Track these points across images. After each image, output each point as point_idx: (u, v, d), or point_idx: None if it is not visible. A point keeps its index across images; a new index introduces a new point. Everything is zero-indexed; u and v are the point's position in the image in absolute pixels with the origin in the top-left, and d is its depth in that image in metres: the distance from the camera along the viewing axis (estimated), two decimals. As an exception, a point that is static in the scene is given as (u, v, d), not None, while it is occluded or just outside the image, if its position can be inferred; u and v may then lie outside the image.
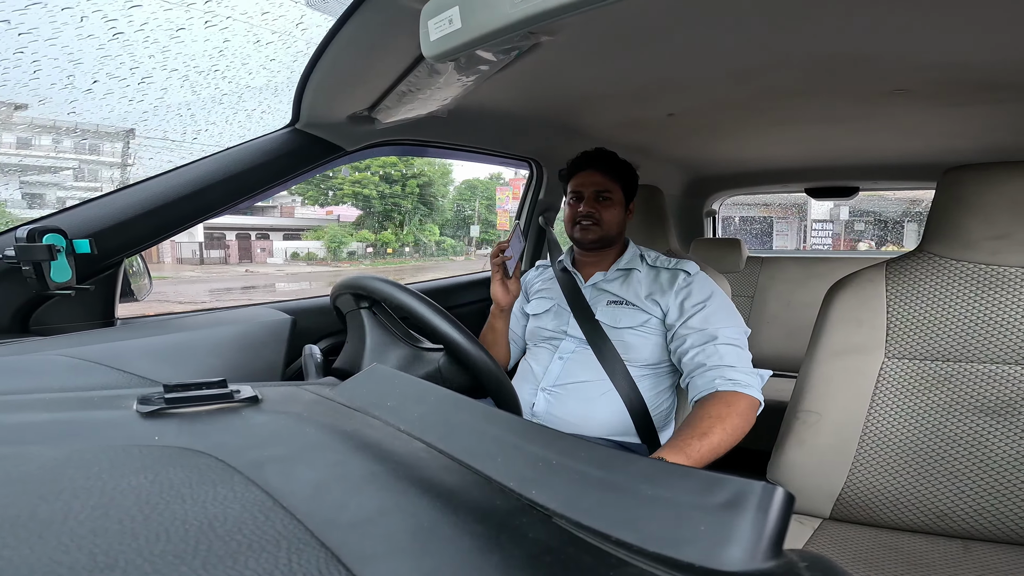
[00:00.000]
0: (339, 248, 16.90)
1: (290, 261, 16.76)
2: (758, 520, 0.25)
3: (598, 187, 1.16)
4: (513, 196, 15.71)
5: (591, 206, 1.16)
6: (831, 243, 13.64)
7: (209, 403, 0.42)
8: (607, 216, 1.16)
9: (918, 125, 1.38)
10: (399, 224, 17.74)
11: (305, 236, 17.77)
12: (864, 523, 0.86)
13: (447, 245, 18.79)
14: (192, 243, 15.18)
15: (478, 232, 19.53)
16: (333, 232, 17.16)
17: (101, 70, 2.05)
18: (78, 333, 0.78)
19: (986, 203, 0.81)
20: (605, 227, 1.16)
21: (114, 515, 0.24)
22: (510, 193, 15.73)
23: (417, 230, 17.98)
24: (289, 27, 1.59)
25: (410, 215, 17.72)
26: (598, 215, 1.15)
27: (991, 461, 0.79)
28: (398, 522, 0.27)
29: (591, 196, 1.16)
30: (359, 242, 17.42)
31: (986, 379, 0.80)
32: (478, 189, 19.96)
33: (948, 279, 0.84)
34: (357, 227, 17.54)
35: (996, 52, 0.87)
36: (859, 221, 13.96)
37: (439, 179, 18.44)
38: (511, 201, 15.69)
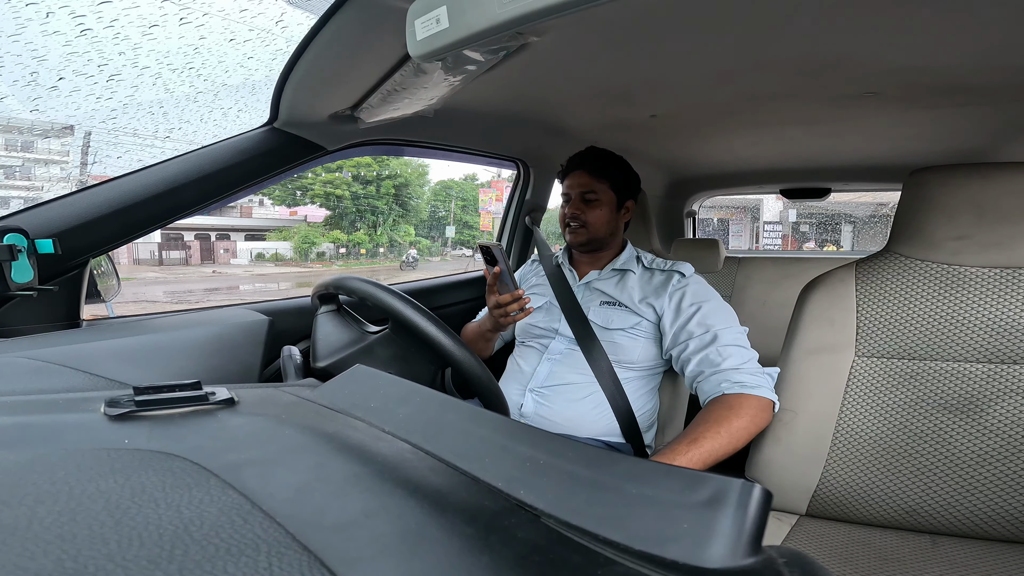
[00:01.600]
0: (309, 249, 16.60)
1: (255, 262, 16.34)
2: (738, 517, 0.26)
3: (583, 188, 1.15)
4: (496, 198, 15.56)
5: (577, 207, 1.15)
6: (780, 243, 14.48)
7: (182, 405, 0.40)
8: (592, 218, 1.14)
9: (886, 128, 1.44)
10: (373, 225, 17.52)
11: (269, 236, 17.35)
12: (839, 519, 0.88)
13: (423, 246, 18.61)
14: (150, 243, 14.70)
15: (453, 233, 19.40)
16: (304, 233, 16.85)
17: (67, 67, 1.98)
18: (41, 335, 0.74)
19: (948, 204, 0.84)
20: (592, 229, 1.15)
21: (82, 520, 0.23)
22: (494, 195, 15.62)
23: (392, 231, 17.80)
24: (268, 25, 1.57)
25: (384, 216, 17.53)
26: (584, 217, 1.14)
27: (955, 458, 0.81)
28: (384, 524, 0.26)
29: (577, 197, 1.15)
30: (330, 243, 17.14)
31: (950, 377, 0.83)
32: (453, 190, 19.90)
33: (913, 279, 0.86)
34: (327, 228, 17.25)
35: (958, 56, 0.90)
36: (804, 223, 14.80)
37: (415, 180, 18.28)
38: (495, 203, 15.57)
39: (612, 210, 1.16)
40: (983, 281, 0.82)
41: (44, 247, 0.77)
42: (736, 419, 0.87)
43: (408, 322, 0.63)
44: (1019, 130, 1.38)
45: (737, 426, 0.87)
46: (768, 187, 2.39)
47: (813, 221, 14.79)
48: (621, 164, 1.19)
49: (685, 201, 2.55)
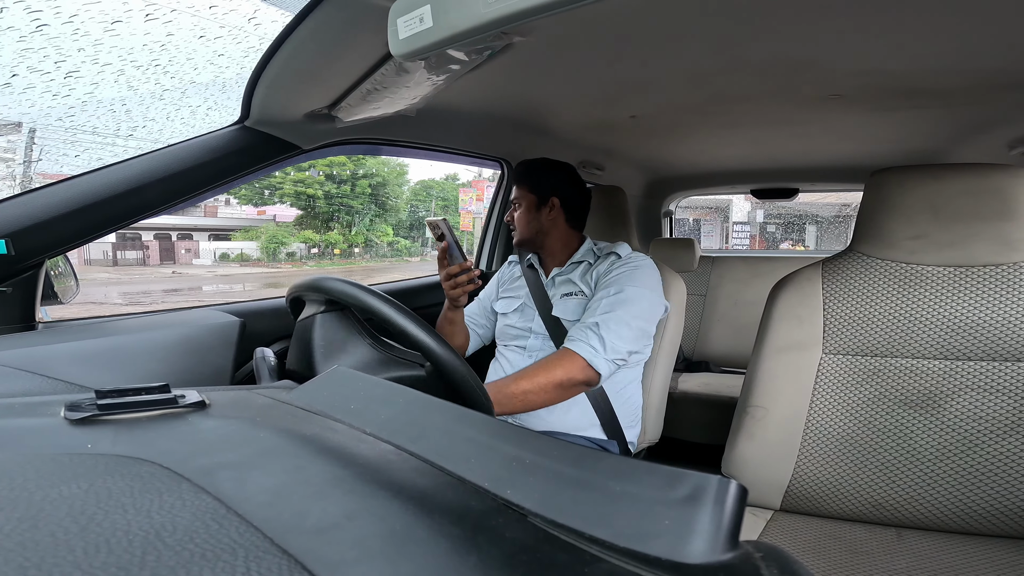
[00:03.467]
0: (278, 249, 16.14)
1: (219, 262, 15.73)
2: (716, 513, 0.26)
3: (512, 196, 1.24)
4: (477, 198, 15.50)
5: (509, 215, 1.24)
6: (748, 243, 15.05)
7: (149, 409, 0.38)
8: (518, 221, 1.22)
9: (851, 129, 1.50)
10: (347, 225, 17.18)
11: (235, 236, 16.77)
12: (811, 514, 0.91)
13: (401, 246, 18.33)
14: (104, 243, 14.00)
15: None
16: (271, 232, 16.34)
17: (21, 63, 1.89)
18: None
19: (906, 204, 0.87)
20: (520, 231, 1.22)
21: (44, 527, 0.21)
22: (474, 195, 15.55)
23: (368, 231, 17.48)
24: (240, 22, 1.52)
25: (360, 215, 17.21)
26: (512, 222, 1.23)
27: (917, 453, 0.84)
28: (368, 526, 0.26)
29: (512, 206, 1.23)
30: (301, 243, 16.71)
31: (910, 373, 0.86)
32: (433, 190, 19.70)
33: (875, 277, 0.90)
34: (298, 227, 16.81)
35: (915, 60, 0.95)
36: (771, 223, 15.53)
37: (394, 179, 17.98)
38: (475, 203, 15.52)
39: (531, 210, 1.21)
40: (939, 279, 0.86)
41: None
42: (556, 367, 0.98)
43: (390, 322, 0.62)
44: (971, 132, 1.45)
45: (553, 374, 0.98)
46: (740, 187, 2.46)
47: (780, 221, 15.47)
48: (541, 166, 1.24)
49: (663, 201, 2.60)
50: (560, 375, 0.97)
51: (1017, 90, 1.09)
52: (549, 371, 0.98)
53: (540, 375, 0.97)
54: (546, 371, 0.98)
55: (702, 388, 1.90)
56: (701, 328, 2.24)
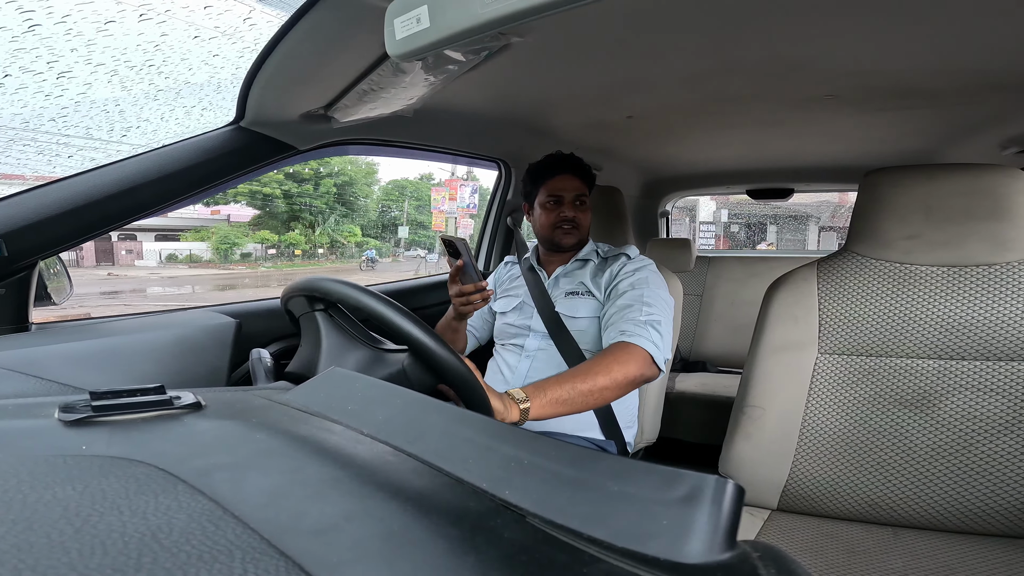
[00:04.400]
0: (230, 250, 15.69)
1: (166, 264, 15.18)
2: (713, 513, 0.26)
3: (577, 192, 1.19)
4: (450, 197, 15.23)
5: (574, 210, 1.18)
6: (714, 243, 15.41)
7: (144, 410, 0.38)
8: (585, 220, 1.20)
9: (845, 129, 1.51)
10: (310, 225, 16.72)
11: (185, 237, 16.14)
12: (808, 513, 0.91)
13: (371, 246, 17.89)
14: None
15: (407, 233, 18.84)
16: (223, 232, 15.80)
17: (13, 63, 1.87)
18: None
19: (900, 204, 0.88)
20: (583, 231, 1.20)
21: (39, 529, 0.21)
22: (447, 194, 15.44)
23: (334, 231, 17.06)
24: (236, 22, 1.51)
25: (324, 215, 16.76)
26: (578, 220, 1.19)
27: (911, 452, 0.85)
28: (366, 527, 0.25)
29: (571, 200, 1.18)
30: (257, 243, 16.16)
31: (904, 373, 0.86)
32: (407, 189, 19.32)
33: (870, 277, 0.90)
34: (254, 227, 16.36)
35: (908, 61, 0.95)
36: (735, 223, 16.00)
37: (362, 179, 17.46)
38: (447, 202, 15.36)
39: (591, 212, 1.23)
40: (933, 279, 0.86)
41: (-11, 247, 0.72)
42: (614, 363, 0.91)
43: (387, 322, 0.62)
44: (964, 132, 1.46)
45: (614, 370, 0.91)
46: (736, 187, 2.46)
47: (742, 221, 15.95)
48: (591, 169, 1.25)
49: (659, 201, 2.61)
50: (633, 370, 0.92)
51: (1009, 90, 1.10)
52: (623, 366, 0.92)
53: (616, 370, 0.91)
54: (620, 366, 0.91)
55: (699, 388, 1.90)
56: (698, 328, 2.25)
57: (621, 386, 0.92)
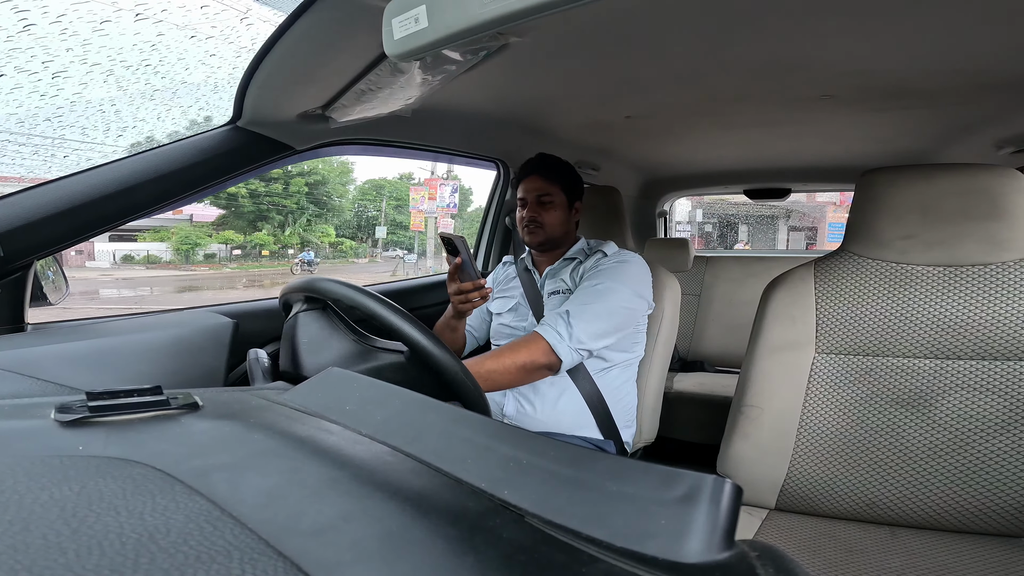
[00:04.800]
0: (192, 250, 15.19)
1: (120, 265, 14.71)
2: (711, 513, 0.26)
3: (539, 191, 1.19)
4: (429, 196, 14.98)
5: (534, 211, 1.19)
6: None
7: (141, 411, 0.38)
8: (548, 219, 1.19)
9: (841, 129, 1.51)
10: (279, 225, 16.36)
11: (143, 237, 15.71)
12: (806, 513, 0.91)
13: (346, 247, 17.61)
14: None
15: (384, 233, 18.56)
16: (185, 233, 15.35)
17: (8, 63, 1.87)
18: None
19: (896, 204, 0.88)
20: (548, 229, 1.20)
21: (36, 530, 0.21)
22: (426, 193, 15.25)
23: (305, 231, 16.67)
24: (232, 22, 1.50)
25: (295, 215, 16.41)
26: (540, 219, 1.19)
27: (908, 452, 0.85)
28: (365, 528, 0.25)
29: (533, 201, 1.20)
30: (221, 243, 15.69)
31: (901, 372, 0.87)
32: (385, 189, 18.92)
33: (866, 277, 0.90)
34: (217, 227, 15.80)
35: (904, 61, 0.96)
36: (707, 223, 16.45)
37: (335, 178, 17.15)
38: (427, 201, 15.17)
39: (565, 211, 1.21)
40: (928, 279, 0.86)
41: (-16, 247, 0.72)
42: (523, 349, 0.99)
43: (385, 322, 0.62)
44: (960, 132, 1.47)
45: (519, 355, 0.98)
46: (733, 187, 2.47)
47: (714, 221, 16.29)
48: (570, 168, 1.24)
49: (657, 201, 2.62)
50: (524, 357, 0.98)
51: (1005, 90, 1.11)
52: (515, 353, 0.98)
53: (506, 356, 0.97)
54: (512, 353, 0.98)
55: (697, 388, 1.90)
56: (696, 328, 2.25)
57: (514, 373, 0.98)
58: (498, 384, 0.97)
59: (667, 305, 1.23)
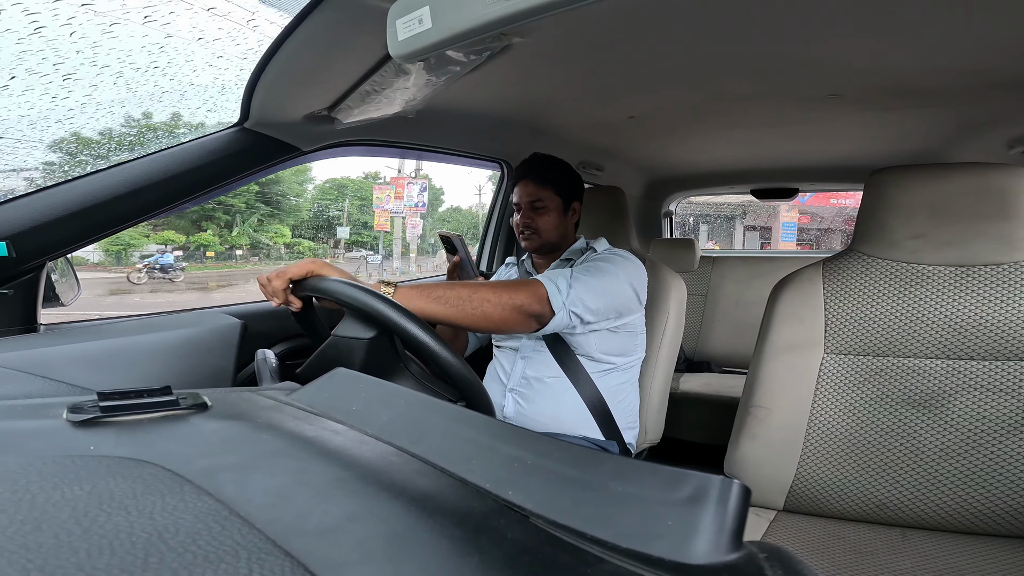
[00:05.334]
0: (125, 252, 14.18)
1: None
2: (719, 514, 0.26)
3: (531, 197, 1.17)
4: (396, 195, 14.35)
5: (527, 216, 1.17)
6: None
7: (151, 411, 0.38)
8: (542, 224, 1.17)
9: (849, 129, 1.50)
10: (227, 225, 15.53)
11: None
12: (815, 514, 0.90)
13: (303, 247, 16.58)
14: None
15: (348, 234, 17.62)
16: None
17: (19, 65, 1.89)
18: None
19: (906, 204, 0.87)
20: (543, 235, 1.18)
21: (48, 529, 0.21)
22: (392, 192, 14.60)
23: (256, 231, 15.87)
24: (239, 23, 1.52)
25: (243, 215, 15.58)
26: (534, 224, 1.17)
27: (920, 453, 0.84)
28: (370, 528, 0.26)
29: (527, 207, 1.17)
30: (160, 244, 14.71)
31: (912, 373, 0.86)
32: (348, 188, 18.14)
33: (876, 277, 0.89)
34: (156, 228, 14.79)
35: (912, 59, 0.95)
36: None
37: (291, 176, 16.34)
38: (392, 201, 14.55)
39: (560, 214, 1.19)
40: (939, 279, 0.86)
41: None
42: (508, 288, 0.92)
43: (391, 323, 0.62)
44: (969, 131, 1.45)
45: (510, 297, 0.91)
46: (739, 187, 2.46)
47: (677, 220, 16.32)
48: (563, 167, 1.21)
49: (662, 201, 2.61)
50: (521, 299, 0.93)
51: (1016, 89, 1.09)
52: (514, 292, 0.93)
53: (504, 293, 0.92)
54: (511, 291, 0.93)
55: (703, 388, 1.90)
56: (702, 328, 2.24)
57: (505, 306, 0.91)
58: (487, 315, 0.90)
59: (672, 305, 1.22)
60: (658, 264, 1.25)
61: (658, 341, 1.21)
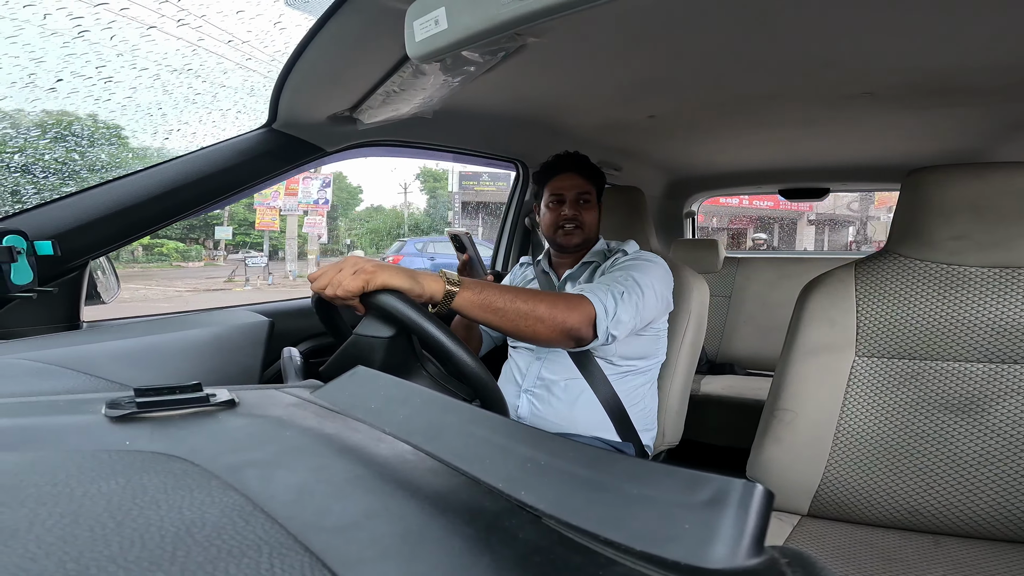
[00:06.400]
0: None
1: None
2: (740, 518, 0.26)
3: (579, 190, 1.16)
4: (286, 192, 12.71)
5: (574, 209, 1.16)
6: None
7: (183, 407, 0.40)
8: (588, 219, 1.17)
9: (883, 128, 1.44)
10: None
11: None
12: (841, 519, 0.88)
13: (167, 249, 15.16)
14: None
15: (229, 234, 16.08)
16: None
17: (65, 68, 1.98)
18: (42, 336, 0.74)
19: (946, 204, 0.84)
20: (587, 230, 1.17)
21: (84, 522, 0.23)
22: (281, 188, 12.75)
23: None
24: (267, 26, 1.55)
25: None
26: (581, 218, 1.16)
27: (957, 458, 0.81)
28: (385, 525, 0.26)
29: (573, 199, 1.16)
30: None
31: (951, 377, 0.83)
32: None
33: (913, 279, 0.87)
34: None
35: (953, 57, 0.91)
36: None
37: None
38: (280, 197, 12.96)
39: (598, 210, 1.19)
40: (983, 281, 0.82)
41: (43, 248, 0.77)
42: (563, 305, 0.87)
43: (409, 323, 0.63)
44: (1015, 129, 1.38)
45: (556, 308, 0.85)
46: (767, 187, 2.40)
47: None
48: (594, 165, 1.21)
49: (684, 201, 2.56)
50: (574, 320, 0.88)
51: None
52: (568, 312, 0.87)
53: (559, 313, 0.86)
54: (565, 310, 0.87)
55: (726, 391, 1.86)
56: (725, 330, 2.20)
57: (555, 328, 0.86)
58: (536, 334, 0.85)
59: (694, 307, 1.20)
60: (679, 265, 1.23)
61: (679, 343, 1.19)
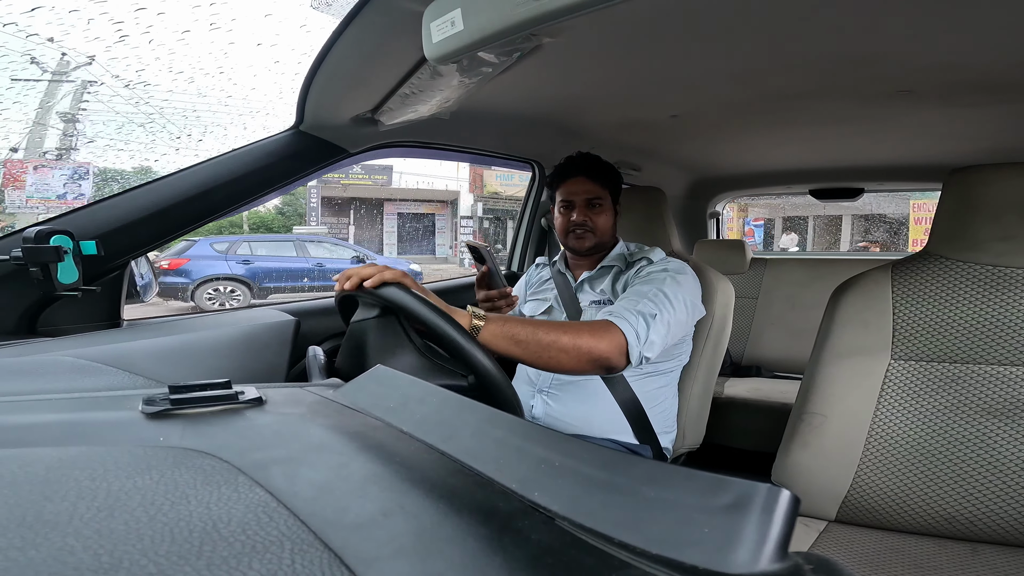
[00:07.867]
0: None
1: None
2: (763, 522, 0.25)
3: (589, 195, 1.14)
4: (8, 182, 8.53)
5: (584, 214, 1.14)
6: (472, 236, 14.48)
7: (214, 404, 0.42)
8: (600, 223, 1.14)
9: (922, 126, 1.38)
10: None
11: None
12: (870, 526, 0.86)
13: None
14: None
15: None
16: None
17: (106, 72, 2.07)
18: (84, 334, 0.78)
19: (993, 204, 0.81)
20: (599, 234, 1.15)
21: (119, 516, 0.24)
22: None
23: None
24: (293, 29, 1.58)
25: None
26: (591, 223, 1.14)
27: (999, 463, 0.78)
28: (401, 524, 0.27)
29: (583, 204, 1.14)
30: None
31: (993, 381, 0.80)
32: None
33: (955, 281, 0.83)
34: None
35: (996, 52, 0.87)
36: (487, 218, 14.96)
37: None
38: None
39: (613, 214, 1.17)
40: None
41: (88, 248, 0.81)
42: (587, 333, 0.84)
43: (426, 322, 0.64)
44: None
45: (581, 337, 0.83)
46: (797, 187, 2.32)
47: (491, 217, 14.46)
48: (610, 166, 1.18)
49: (708, 202, 2.50)
50: (602, 349, 0.84)
51: None
52: (594, 340, 0.84)
53: (584, 342, 0.83)
54: (591, 339, 0.84)
55: (751, 394, 1.82)
56: (752, 332, 2.15)
57: (581, 358, 0.83)
58: (559, 364, 0.83)
59: (718, 309, 1.17)
60: (703, 266, 1.20)
61: (701, 345, 1.17)
